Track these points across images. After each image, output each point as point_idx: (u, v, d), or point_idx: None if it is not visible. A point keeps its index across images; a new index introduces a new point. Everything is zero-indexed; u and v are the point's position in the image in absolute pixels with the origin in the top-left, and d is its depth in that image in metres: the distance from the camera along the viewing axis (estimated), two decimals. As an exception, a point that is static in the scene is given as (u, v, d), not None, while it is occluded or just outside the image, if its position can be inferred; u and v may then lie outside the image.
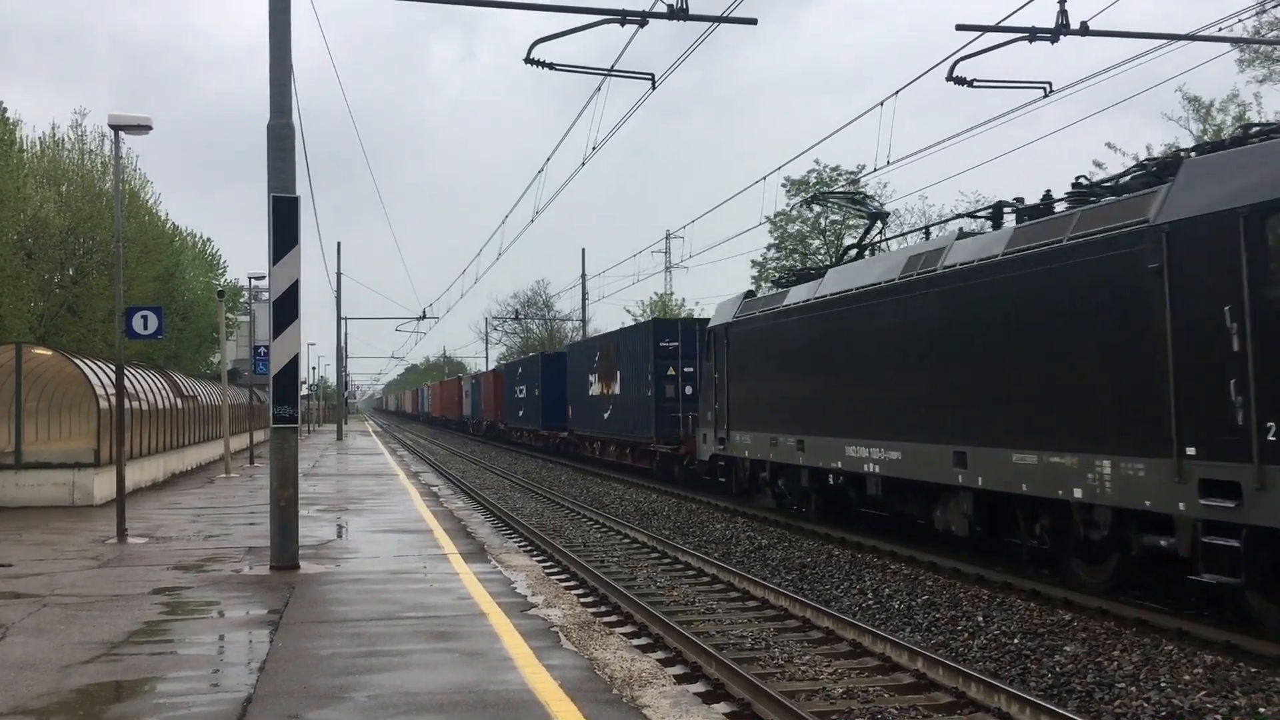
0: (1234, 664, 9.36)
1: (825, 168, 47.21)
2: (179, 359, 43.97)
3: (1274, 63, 29.22)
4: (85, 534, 15.60)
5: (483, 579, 11.55)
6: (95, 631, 8.96)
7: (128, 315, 16.45)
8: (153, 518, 17.73)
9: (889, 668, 9.86)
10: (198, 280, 47.44)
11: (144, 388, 23.54)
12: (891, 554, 15.65)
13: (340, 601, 10.31)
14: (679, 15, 13.61)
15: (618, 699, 6.88)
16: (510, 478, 34.24)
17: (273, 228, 12.07)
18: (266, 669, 7.61)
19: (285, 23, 12.40)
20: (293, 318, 12.15)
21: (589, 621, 9.66)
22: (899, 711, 8.54)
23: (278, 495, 12.17)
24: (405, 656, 7.98)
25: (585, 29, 14.24)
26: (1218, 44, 18.68)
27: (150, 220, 38.42)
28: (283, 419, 12.23)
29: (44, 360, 21.12)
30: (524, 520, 21.46)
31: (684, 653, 10.32)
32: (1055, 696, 8.90)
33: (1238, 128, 12.38)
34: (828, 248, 48.65)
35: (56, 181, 33.78)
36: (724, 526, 19.99)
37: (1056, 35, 15.14)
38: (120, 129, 15.39)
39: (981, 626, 11.24)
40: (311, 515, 17.54)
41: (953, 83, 15.87)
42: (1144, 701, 8.57)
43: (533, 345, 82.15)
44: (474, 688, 7.06)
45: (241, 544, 14.47)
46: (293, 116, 12.43)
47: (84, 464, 19.85)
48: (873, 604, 12.78)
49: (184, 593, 10.86)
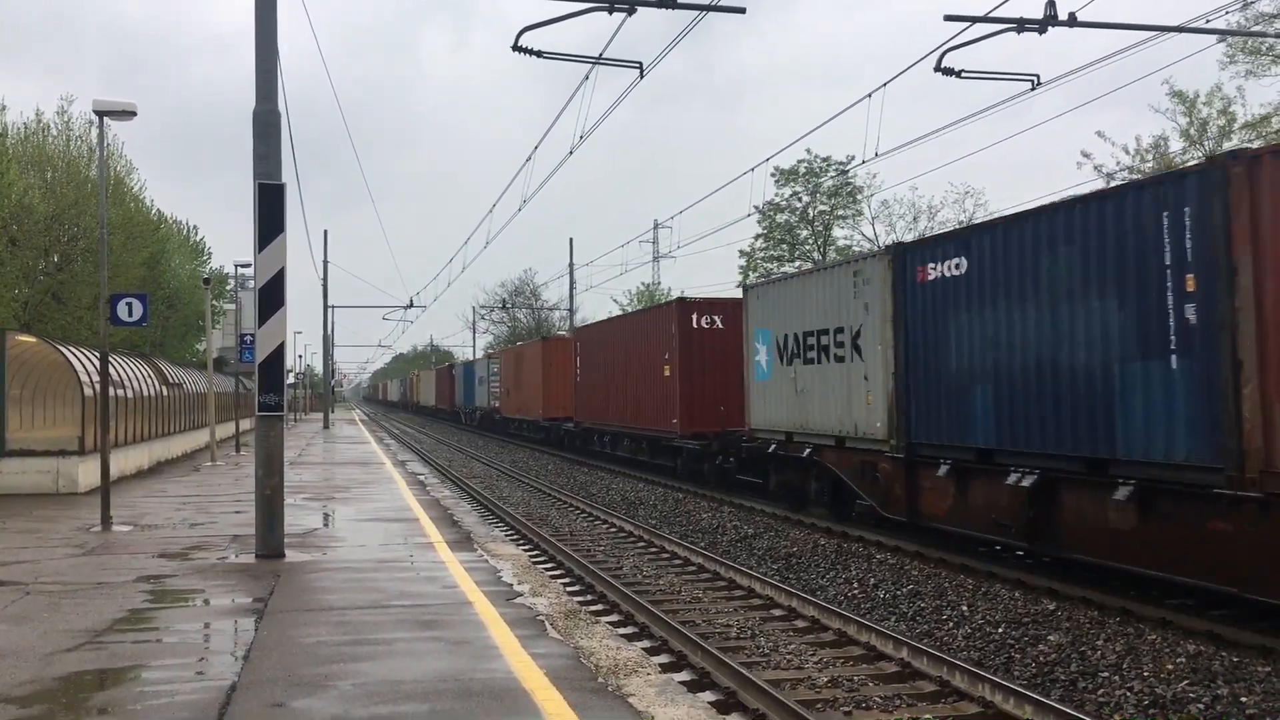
0: (1216, 653, 9.41)
1: (815, 158, 47.25)
2: (164, 347, 43.79)
3: (1259, 56, 29.33)
4: (70, 522, 15.53)
5: (469, 567, 11.54)
6: (79, 619, 8.92)
7: (112, 302, 16.36)
8: (138, 506, 17.66)
9: (874, 657, 9.90)
10: (183, 267, 47.21)
11: (129, 375, 23.43)
12: (877, 543, 15.70)
13: (326, 590, 10.29)
14: (667, 3, 13.58)
15: (603, 687, 6.89)
16: (497, 466, 34.23)
17: (258, 215, 12.01)
18: (251, 657, 7.59)
19: (271, 7, 12.32)
20: (278, 306, 12.10)
21: (575, 610, 9.67)
22: (883, 700, 8.58)
23: (263, 483, 12.14)
24: (390, 645, 7.96)
25: (574, 16, 14.20)
26: (1205, 36, 18.73)
27: (136, 207, 38.20)
28: (268, 407, 12.19)
29: (28, 347, 21.00)
30: (510, 509, 21.45)
31: (670, 641, 10.34)
32: (1039, 686, 8.95)
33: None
34: (815, 238, 48.69)
35: (41, 167, 33.55)
36: (710, 516, 20.01)
37: (1045, 26, 15.17)
38: (105, 115, 15.28)
39: (966, 616, 11.29)
40: (297, 504, 17.49)
41: (941, 73, 15.89)
42: (1127, 691, 8.62)
43: (520, 335, 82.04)
44: (459, 676, 7.06)
45: (227, 532, 14.42)
46: (279, 103, 12.36)
47: (68, 452, 19.77)
48: (858, 593, 12.82)
49: (169, 581, 10.82)
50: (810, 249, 48.30)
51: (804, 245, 48.57)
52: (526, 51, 14.65)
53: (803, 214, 48.72)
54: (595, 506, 21.62)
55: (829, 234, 48.54)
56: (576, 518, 20.71)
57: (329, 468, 27.30)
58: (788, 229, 48.91)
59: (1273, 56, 29.12)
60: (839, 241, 48.19)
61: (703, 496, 22.80)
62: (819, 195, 48.07)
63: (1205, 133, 31.72)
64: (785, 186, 47.84)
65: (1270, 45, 28.22)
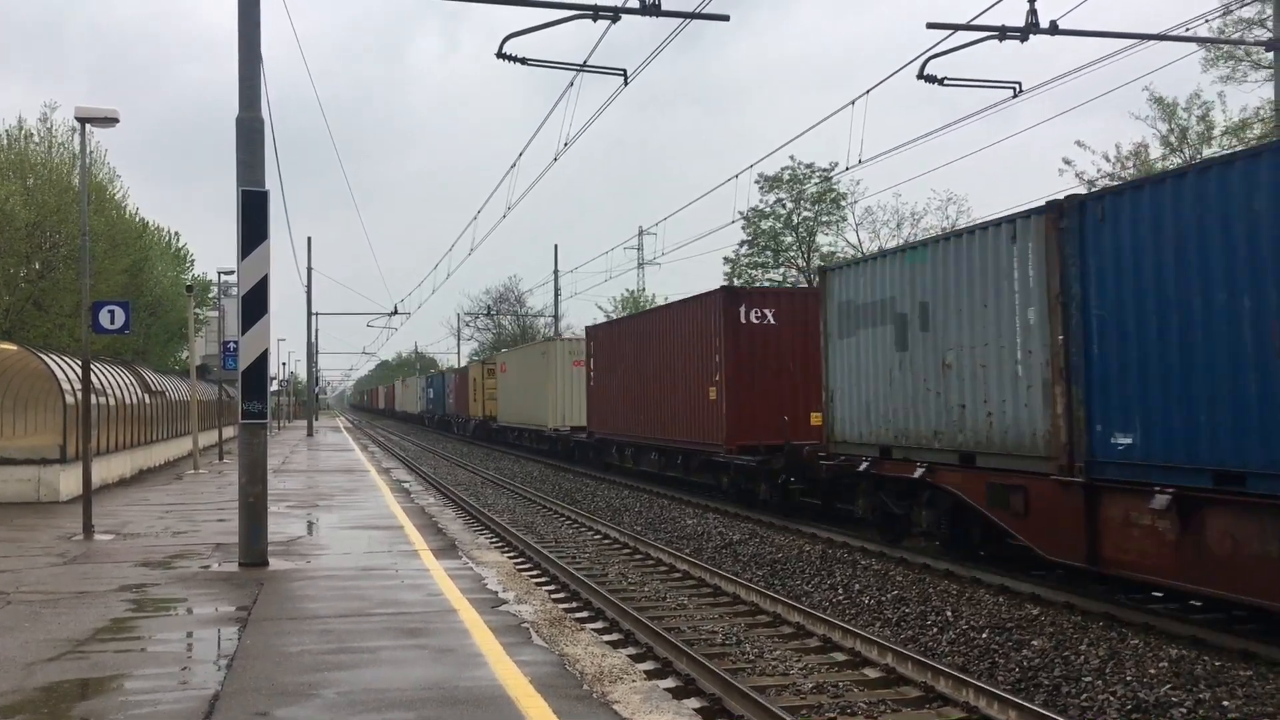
0: (1199, 657, 9.46)
1: (799, 164, 47.37)
2: (147, 354, 43.58)
3: (1237, 62, 29.57)
4: (51, 531, 15.43)
5: (453, 575, 11.52)
6: (61, 629, 8.87)
7: (94, 309, 16.28)
8: (120, 514, 17.56)
9: (859, 662, 9.91)
10: (166, 275, 47.03)
11: (111, 383, 23.30)
12: (862, 549, 15.72)
13: (310, 598, 10.25)
14: (651, 10, 13.60)
15: (588, 695, 6.88)
16: (482, 474, 34.16)
17: (242, 222, 11.99)
18: (234, 666, 7.56)
19: (254, 14, 12.30)
20: (262, 313, 12.07)
21: (560, 617, 9.66)
22: (868, 706, 8.59)
23: (246, 491, 12.10)
24: (375, 653, 7.94)
25: (558, 24, 14.22)
26: (1185, 44, 18.87)
27: (118, 214, 38.08)
28: (252, 415, 12.15)
29: (9, 355, 20.87)
30: (496, 516, 21.41)
31: (655, 648, 10.33)
32: (1023, 690, 8.97)
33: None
34: (799, 244, 48.81)
35: (23, 174, 33.40)
36: (695, 522, 20.01)
37: (1026, 34, 15.29)
38: (87, 122, 15.22)
39: (950, 621, 11.31)
40: (281, 511, 17.42)
41: (924, 81, 15.98)
42: (1110, 695, 8.65)
43: (504, 341, 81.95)
44: (444, 684, 7.04)
45: (210, 540, 14.36)
46: (262, 110, 12.34)
47: (50, 460, 19.64)
48: (843, 599, 12.84)
49: (151, 590, 10.77)
50: (794, 255, 48.40)
51: (788, 252, 48.67)
52: (511, 59, 14.66)
53: (787, 220, 48.84)
54: (580, 513, 21.60)
55: (813, 240, 48.66)
56: (562, 524, 20.68)
57: (313, 475, 27.20)
58: (772, 235, 49.00)
59: (1251, 63, 29.36)
60: (823, 248, 48.32)
61: (687, 504, 22.78)
62: (803, 202, 48.21)
63: (1185, 140, 31.95)
64: (770, 193, 47.96)
65: (1249, 51, 28.45)
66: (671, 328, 25.17)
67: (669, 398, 24.96)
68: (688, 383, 23.75)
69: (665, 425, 25.23)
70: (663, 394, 25.44)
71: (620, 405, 29.22)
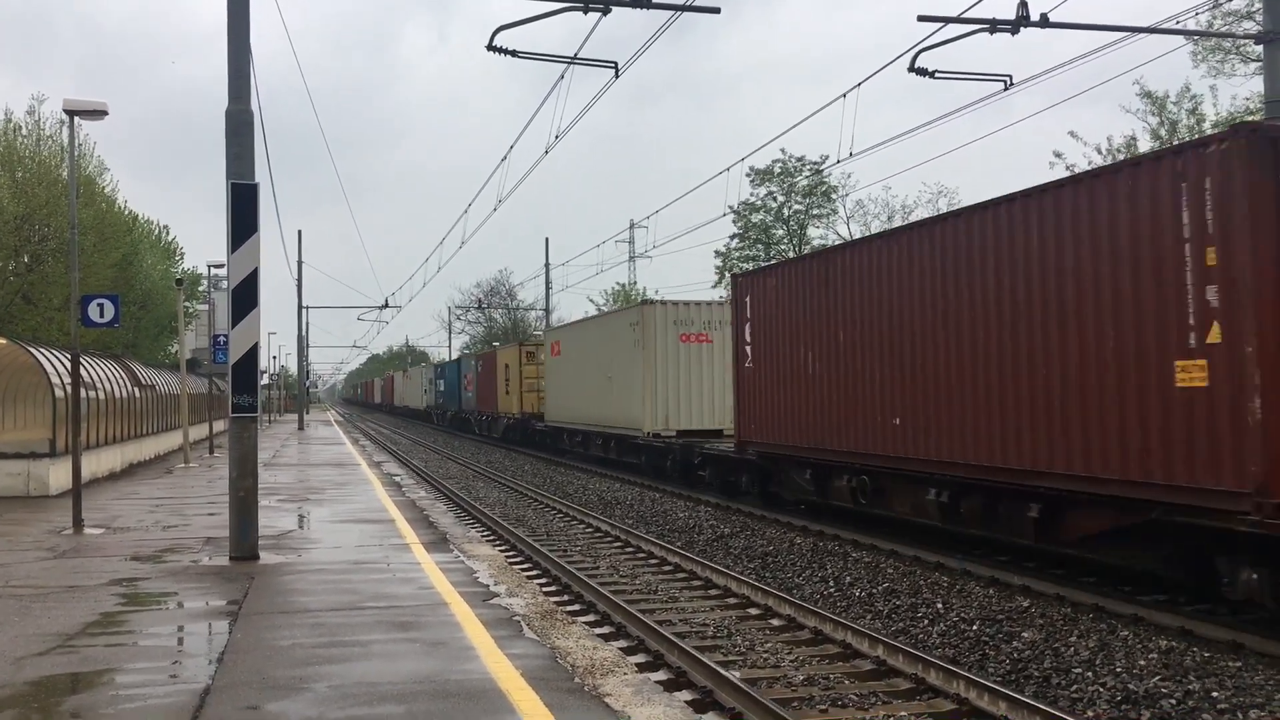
0: (1188, 649, 9.50)
1: (790, 158, 47.41)
2: (137, 348, 43.43)
3: (1226, 54, 29.63)
4: (40, 525, 15.39)
5: (445, 568, 11.51)
6: (50, 623, 8.84)
7: (84, 303, 16.22)
8: (110, 508, 17.52)
9: (849, 654, 9.93)
10: (156, 268, 46.84)
11: (101, 377, 23.23)
12: (853, 542, 15.75)
13: (301, 592, 10.24)
14: (641, 3, 13.58)
15: (580, 688, 6.88)
16: (473, 467, 34.12)
17: (231, 215, 11.94)
18: (225, 660, 7.55)
19: (243, 6, 12.24)
20: (252, 306, 12.04)
21: (551, 610, 9.67)
22: (859, 698, 8.61)
23: (237, 485, 12.07)
24: (366, 647, 7.94)
25: (548, 16, 14.18)
26: (1175, 37, 18.91)
27: (107, 207, 37.88)
28: (242, 408, 12.12)
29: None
30: (487, 509, 21.41)
31: (646, 641, 10.34)
32: (1013, 682, 9.00)
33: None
34: (790, 237, 48.85)
35: (11, 167, 33.23)
36: (687, 515, 20.02)
37: (1017, 27, 15.28)
38: (75, 114, 15.15)
39: (941, 613, 11.34)
40: (272, 505, 17.40)
41: (915, 74, 15.97)
42: (1100, 686, 8.68)
43: (496, 335, 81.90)
44: (435, 677, 7.04)
45: (200, 534, 14.33)
46: (252, 102, 12.29)
47: (39, 454, 19.59)
48: (834, 592, 12.86)
49: (142, 584, 10.74)
50: (785, 249, 48.45)
51: (779, 245, 48.73)
52: (501, 51, 14.62)
53: (778, 213, 48.88)
54: (572, 506, 21.59)
55: (804, 233, 48.72)
56: (553, 517, 20.68)
57: (304, 469, 27.15)
58: (763, 229, 49.06)
59: (1240, 56, 29.42)
60: (814, 241, 48.38)
61: (679, 496, 22.77)
62: (794, 195, 48.26)
63: (1175, 133, 32.03)
64: (760, 186, 48.02)
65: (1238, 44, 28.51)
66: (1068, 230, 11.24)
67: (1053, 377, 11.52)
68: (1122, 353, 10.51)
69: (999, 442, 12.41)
70: (1004, 377, 12.32)
71: (832, 400, 16.48)
